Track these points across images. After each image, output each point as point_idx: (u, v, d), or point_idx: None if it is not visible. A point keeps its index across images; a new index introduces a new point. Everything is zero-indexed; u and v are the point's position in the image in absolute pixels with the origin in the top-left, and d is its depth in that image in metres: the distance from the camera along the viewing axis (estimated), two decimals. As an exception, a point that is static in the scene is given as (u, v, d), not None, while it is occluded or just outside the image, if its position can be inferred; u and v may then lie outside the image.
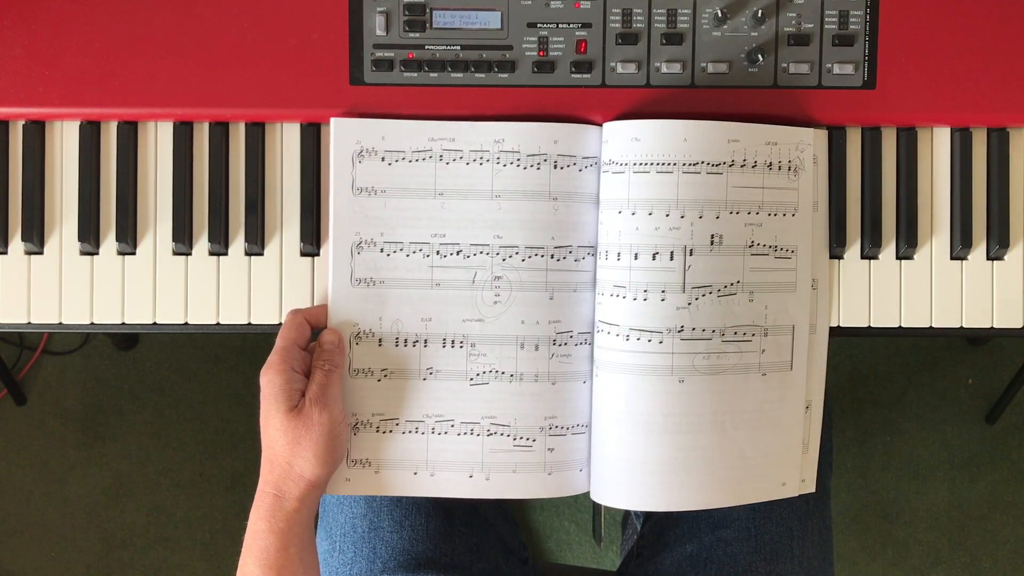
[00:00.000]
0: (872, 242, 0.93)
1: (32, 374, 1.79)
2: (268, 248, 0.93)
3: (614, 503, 0.89)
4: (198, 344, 1.80)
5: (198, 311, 0.93)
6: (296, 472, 0.82)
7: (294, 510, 0.82)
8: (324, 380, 0.84)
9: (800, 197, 0.90)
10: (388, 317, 0.89)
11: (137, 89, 0.91)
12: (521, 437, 0.90)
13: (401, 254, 0.90)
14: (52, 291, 0.92)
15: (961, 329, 0.94)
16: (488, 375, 0.90)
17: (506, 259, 0.90)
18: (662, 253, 0.87)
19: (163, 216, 0.93)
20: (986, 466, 1.79)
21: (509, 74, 0.91)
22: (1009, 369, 1.76)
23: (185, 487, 1.77)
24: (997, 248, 0.93)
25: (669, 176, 0.87)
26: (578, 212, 0.90)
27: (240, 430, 1.77)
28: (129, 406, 1.79)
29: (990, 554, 1.78)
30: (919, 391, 1.80)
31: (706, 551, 1.02)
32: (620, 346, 0.87)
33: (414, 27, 0.91)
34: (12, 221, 0.93)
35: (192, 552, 1.76)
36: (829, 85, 0.92)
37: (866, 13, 0.91)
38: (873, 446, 1.79)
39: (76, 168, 0.92)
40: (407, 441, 0.90)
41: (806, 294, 0.91)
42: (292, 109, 0.91)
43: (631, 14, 0.91)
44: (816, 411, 0.93)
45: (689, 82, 0.92)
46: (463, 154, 0.90)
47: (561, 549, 1.77)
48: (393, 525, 1.00)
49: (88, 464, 1.77)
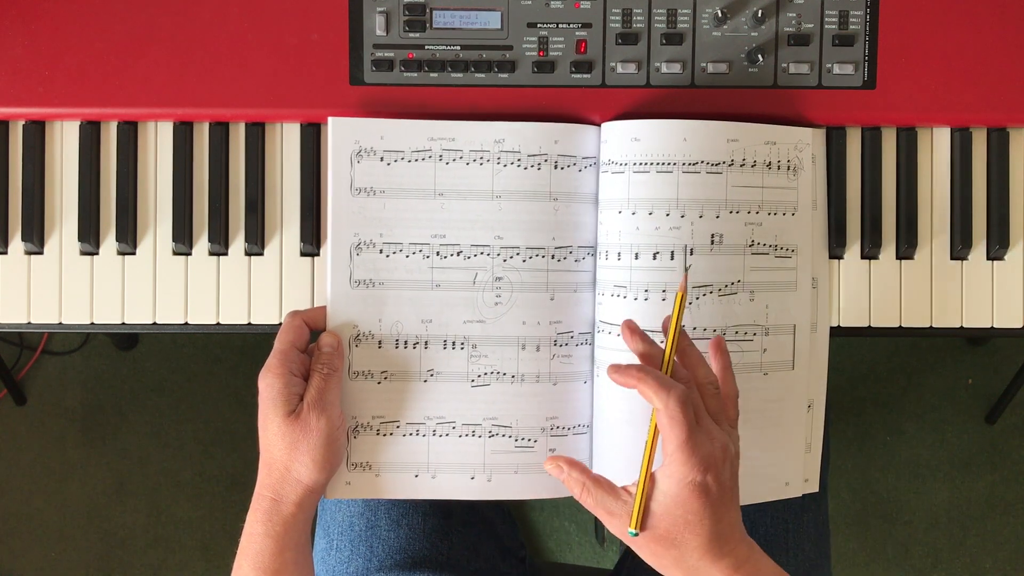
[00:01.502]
0: (872, 242, 0.93)
1: (32, 374, 1.79)
2: (268, 248, 0.93)
3: (614, 503, 0.89)
4: (198, 344, 1.79)
5: (198, 311, 0.92)
6: (294, 477, 0.82)
7: (291, 514, 0.82)
8: (322, 384, 0.84)
9: (800, 196, 0.90)
10: (388, 319, 0.89)
11: (137, 89, 0.91)
12: (522, 438, 0.90)
13: (401, 255, 0.89)
14: (52, 291, 0.92)
15: (961, 329, 0.94)
16: (489, 376, 0.90)
17: (507, 260, 0.89)
18: (662, 253, 0.87)
19: (163, 216, 0.93)
20: (986, 466, 1.79)
21: (509, 74, 0.91)
22: (1009, 369, 1.76)
23: (185, 487, 1.77)
24: (997, 248, 0.93)
25: (669, 176, 0.87)
26: (578, 212, 0.90)
27: (240, 430, 1.77)
28: (129, 406, 1.78)
29: (990, 554, 1.78)
30: (919, 391, 1.80)
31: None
32: (621, 346, 0.87)
33: (414, 27, 0.91)
34: (12, 221, 0.93)
35: (192, 552, 1.76)
36: (829, 85, 0.92)
37: (866, 13, 0.91)
38: (873, 446, 1.79)
39: (76, 168, 0.92)
40: (408, 443, 0.90)
41: (807, 293, 0.91)
42: (292, 109, 0.91)
43: (631, 14, 0.91)
44: (818, 411, 0.93)
45: (689, 82, 0.91)
46: (463, 154, 0.90)
47: (561, 549, 1.77)
48: (390, 524, 1.00)
49: (88, 464, 1.77)
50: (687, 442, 0.72)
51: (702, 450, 0.73)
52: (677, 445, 0.73)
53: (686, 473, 0.73)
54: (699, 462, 0.73)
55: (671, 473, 0.73)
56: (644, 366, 0.77)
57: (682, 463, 0.73)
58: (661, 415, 0.74)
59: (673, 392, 0.73)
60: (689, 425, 0.73)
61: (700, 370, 0.79)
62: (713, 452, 0.73)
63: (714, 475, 0.73)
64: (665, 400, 0.73)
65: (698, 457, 0.73)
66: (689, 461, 0.72)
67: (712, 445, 0.74)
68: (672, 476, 0.73)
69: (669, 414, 0.73)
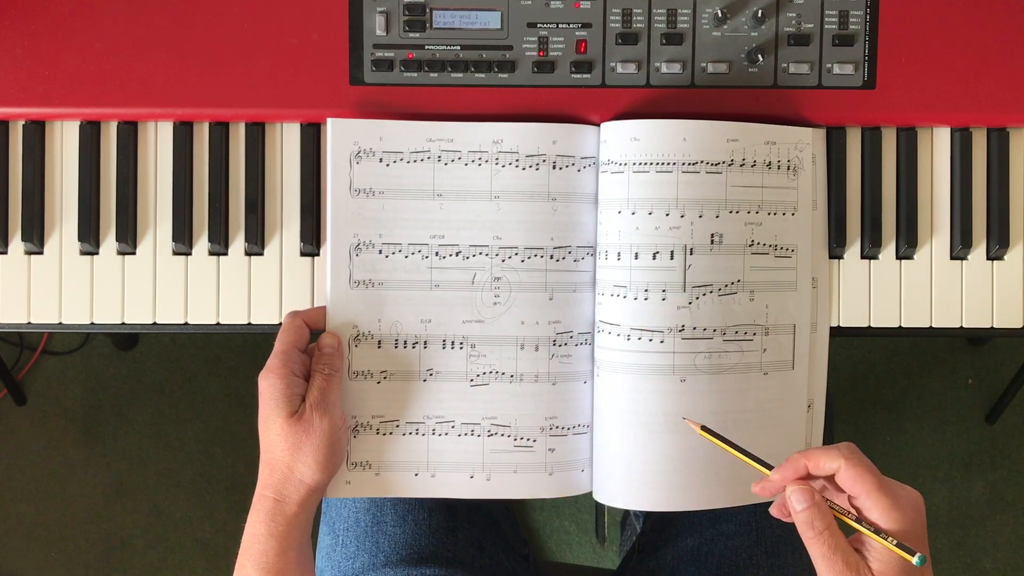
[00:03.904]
0: (872, 242, 0.93)
1: (32, 374, 1.79)
2: (268, 248, 0.93)
3: (616, 503, 0.89)
4: (198, 344, 1.79)
5: (198, 311, 0.92)
6: (297, 477, 0.82)
7: (294, 515, 0.82)
8: (324, 385, 0.84)
9: (799, 196, 0.90)
10: (387, 319, 0.89)
11: (137, 89, 0.91)
12: (522, 438, 0.90)
13: (400, 255, 0.89)
14: (52, 291, 0.92)
15: (961, 329, 0.94)
16: (488, 376, 0.90)
17: (505, 260, 0.89)
18: (662, 252, 0.87)
19: (163, 216, 0.93)
20: (986, 466, 1.79)
21: (509, 74, 0.91)
22: (1009, 369, 1.76)
23: (185, 487, 1.77)
24: (997, 248, 0.93)
25: (668, 176, 0.87)
26: (577, 212, 0.90)
27: (240, 430, 1.77)
28: (129, 406, 1.78)
29: (990, 554, 1.78)
30: (919, 391, 1.80)
31: (707, 545, 1.02)
32: (621, 346, 0.87)
33: (414, 27, 0.91)
34: (12, 221, 0.93)
35: (192, 552, 1.76)
36: (829, 85, 0.92)
37: (866, 13, 0.91)
38: (873, 446, 1.79)
39: (76, 168, 0.92)
40: (408, 443, 0.90)
41: (806, 293, 0.91)
42: (292, 109, 0.91)
43: (631, 14, 0.91)
44: (818, 410, 0.93)
45: (689, 82, 0.91)
46: (461, 155, 0.90)
47: (561, 549, 1.77)
48: (396, 519, 1.00)
49: (88, 464, 1.77)
50: (881, 486, 0.71)
51: (895, 488, 0.72)
52: (870, 490, 0.71)
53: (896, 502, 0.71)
54: (898, 498, 0.71)
55: (887, 507, 0.71)
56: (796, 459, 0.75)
57: (888, 498, 0.71)
58: (844, 474, 0.72)
59: (841, 450, 0.72)
60: (873, 469, 0.72)
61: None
62: (904, 491, 0.73)
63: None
64: (838, 455, 0.72)
65: (894, 494, 0.71)
66: (890, 497, 0.71)
67: (900, 486, 0.73)
68: (894, 505, 0.71)
69: (852, 465, 0.71)
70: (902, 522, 0.70)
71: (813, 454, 0.73)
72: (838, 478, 0.72)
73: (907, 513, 0.71)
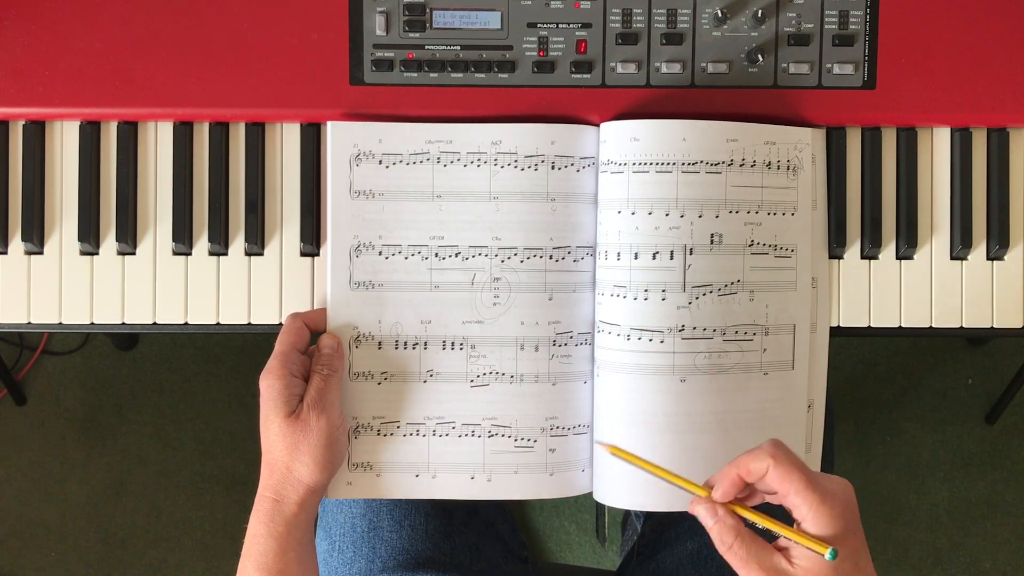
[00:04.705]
0: (872, 242, 0.93)
1: (32, 374, 1.79)
2: (268, 248, 0.93)
3: (617, 503, 0.89)
4: (198, 344, 1.79)
5: (198, 311, 0.92)
6: (295, 477, 0.82)
7: (293, 515, 0.82)
8: (322, 385, 0.84)
9: (799, 196, 0.90)
10: (387, 320, 0.89)
11: (137, 89, 0.91)
12: (522, 438, 0.90)
13: (399, 257, 0.90)
14: (52, 291, 0.92)
15: (961, 329, 0.94)
16: (488, 376, 0.90)
17: (505, 260, 0.90)
18: (662, 252, 0.87)
19: (163, 216, 0.93)
20: (986, 466, 1.79)
21: (509, 74, 0.91)
22: (1009, 369, 1.76)
23: (185, 487, 1.77)
24: (997, 248, 0.93)
25: (668, 176, 0.87)
26: (576, 212, 0.90)
27: (240, 431, 1.77)
28: (129, 406, 1.78)
29: (990, 554, 1.78)
30: (919, 391, 1.80)
31: (707, 548, 1.02)
32: (621, 346, 0.87)
33: (414, 27, 0.91)
34: (12, 221, 0.93)
35: (192, 552, 1.76)
36: (829, 85, 0.92)
37: (866, 13, 0.91)
38: (873, 446, 1.79)
39: (76, 168, 0.92)
40: (408, 444, 0.90)
41: (806, 293, 0.91)
42: (292, 109, 0.91)
43: (631, 14, 0.91)
44: (818, 410, 0.93)
45: (689, 82, 0.91)
46: (460, 156, 0.90)
47: (561, 549, 1.77)
48: (393, 524, 1.00)
49: (88, 464, 1.77)
50: (809, 482, 0.70)
51: (823, 482, 0.70)
52: (799, 488, 0.69)
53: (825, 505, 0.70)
54: (827, 493, 0.70)
55: (815, 504, 0.69)
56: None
57: (817, 494, 0.69)
58: (772, 474, 0.70)
59: (767, 449, 0.71)
60: (800, 466, 0.70)
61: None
62: (833, 484, 0.71)
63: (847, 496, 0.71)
64: (764, 455, 0.71)
65: (822, 489, 0.70)
66: (818, 493, 0.70)
67: (828, 479, 0.71)
68: (822, 507, 0.69)
69: (779, 464, 0.70)
70: (832, 517, 0.69)
71: (742, 460, 0.72)
72: (767, 479, 0.71)
73: (836, 508, 0.69)
